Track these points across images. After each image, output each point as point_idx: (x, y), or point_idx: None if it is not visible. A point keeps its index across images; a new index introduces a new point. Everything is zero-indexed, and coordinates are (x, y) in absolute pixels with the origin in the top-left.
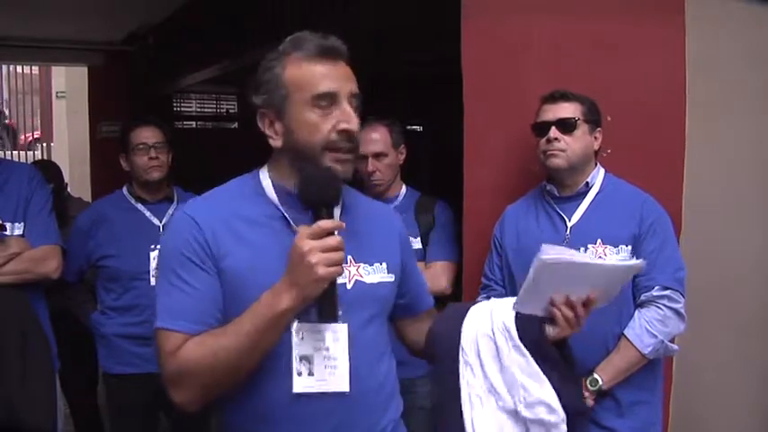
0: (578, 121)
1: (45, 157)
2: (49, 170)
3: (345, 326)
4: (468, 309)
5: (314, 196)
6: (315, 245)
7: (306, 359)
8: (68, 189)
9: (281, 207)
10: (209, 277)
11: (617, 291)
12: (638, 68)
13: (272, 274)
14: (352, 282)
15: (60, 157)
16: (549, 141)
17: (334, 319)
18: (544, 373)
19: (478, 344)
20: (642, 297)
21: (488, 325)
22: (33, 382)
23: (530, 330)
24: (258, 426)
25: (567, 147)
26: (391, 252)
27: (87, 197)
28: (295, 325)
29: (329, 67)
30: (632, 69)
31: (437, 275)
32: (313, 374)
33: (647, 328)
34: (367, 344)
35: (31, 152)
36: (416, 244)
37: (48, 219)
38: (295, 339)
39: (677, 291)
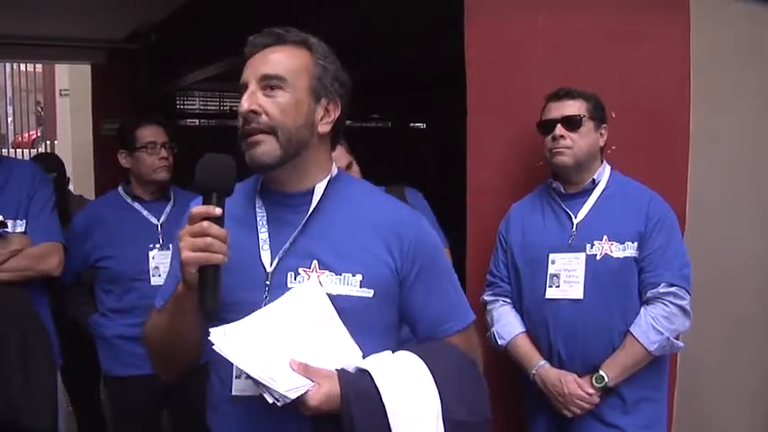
0: (583, 119)
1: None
2: (50, 162)
3: None
4: None
5: (200, 181)
6: (186, 229)
7: None
8: (71, 185)
9: (257, 204)
10: None
11: None
12: (642, 66)
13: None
14: None
15: (63, 155)
16: (554, 139)
17: (209, 309)
18: None
19: None
20: (648, 294)
21: None
22: (34, 379)
23: None
24: (213, 420)
25: (573, 144)
26: (377, 264)
27: (90, 194)
28: None
29: (252, 60)
30: (637, 67)
31: None
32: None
33: (653, 325)
34: None
35: (35, 150)
36: None
37: (50, 216)
38: None
39: (683, 288)
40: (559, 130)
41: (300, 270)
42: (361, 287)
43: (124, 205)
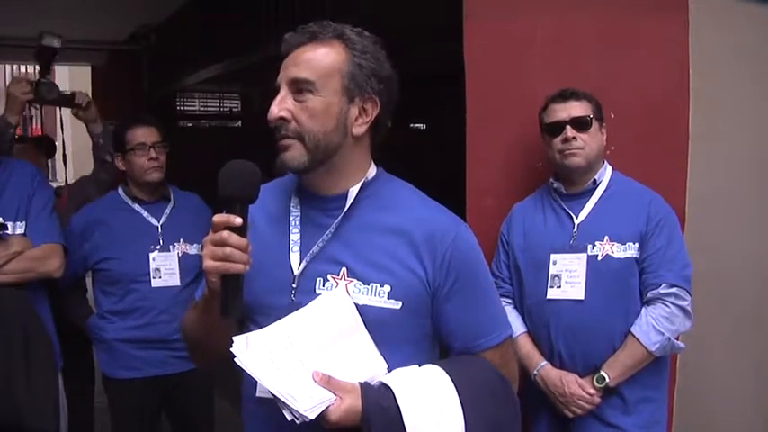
0: (592, 119)
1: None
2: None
3: None
4: None
5: (222, 190)
6: (208, 238)
7: None
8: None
9: (293, 203)
10: None
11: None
12: (641, 65)
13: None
14: None
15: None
16: (566, 141)
17: (230, 317)
18: None
19: None
20: (649, 294)
21: None
22: (36, 380)
23: None
24: (245, 417)
25: (585, 145)
26: (407, 275)
27: None
28: None
29: (285, 60)
30: (636, 66)
31: None
32: None
33: (654, 326)
34: None
35: None
36: None
37: (49, 217)
38: None
39: (684, 288)
40: (570, 131)
41: (329, 276)
42: (389, 298)
43: (124, 207)
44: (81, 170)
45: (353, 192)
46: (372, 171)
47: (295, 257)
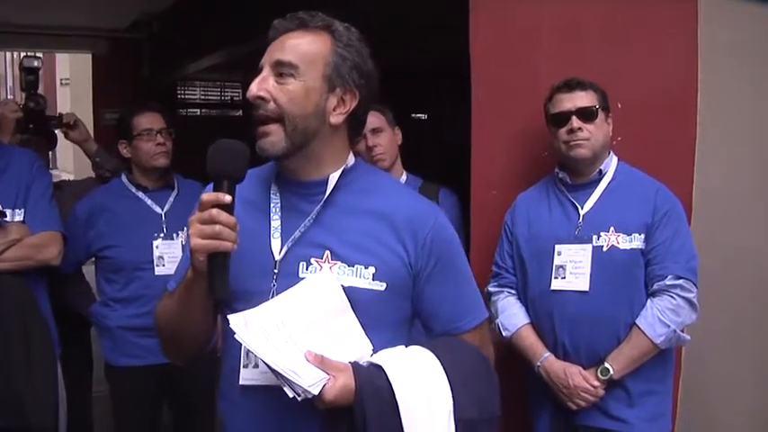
0: (598, 110)
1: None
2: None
3: None
4: None
5: (211, 167)
6: (195, 216)
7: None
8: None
9: (272, 190)
10: None
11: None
12: (649, 56)
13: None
14: None
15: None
16: (571, 131)
17: (217, 297)
18: None
19: None
20: (655, 286)
21: None
22: (35, 368)
23: None
24: (224, 407)
25: (591, 136)
26: (390, 258)
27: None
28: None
29: (273, 44)
30: (643, 57)
31: None
32: (258, 366)
33: (660, 318)
34: None
35: None
36: None
37: (48, 205)
38: None
39: (690, 280)
40: (576, 122)
41: (312, 260)
42: (373, 280)
43: (128, 194)
44: (81, 157)
45: (334, 177)
46: (351, 160)
47: (276, 243)
